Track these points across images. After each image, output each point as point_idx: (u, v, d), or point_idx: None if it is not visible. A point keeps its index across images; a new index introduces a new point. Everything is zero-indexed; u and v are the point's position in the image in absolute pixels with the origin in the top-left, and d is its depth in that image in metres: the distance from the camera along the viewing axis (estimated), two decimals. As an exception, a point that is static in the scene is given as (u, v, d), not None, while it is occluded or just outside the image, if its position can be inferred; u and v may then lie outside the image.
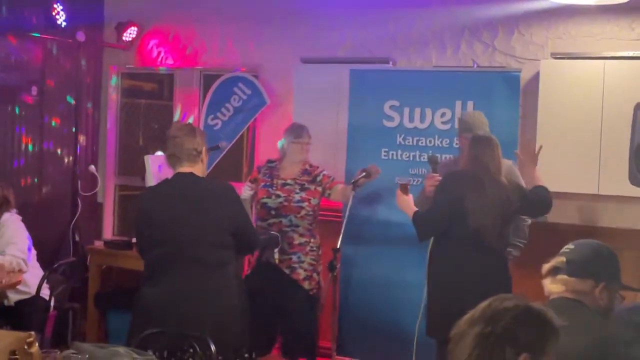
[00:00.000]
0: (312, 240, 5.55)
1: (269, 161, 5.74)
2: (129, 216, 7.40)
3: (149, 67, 7.37)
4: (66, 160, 6.98)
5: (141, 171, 6.21)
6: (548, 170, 5.21)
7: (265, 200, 5.54)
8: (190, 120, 7.02)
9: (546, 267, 2.85)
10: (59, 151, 6.96)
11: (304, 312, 5.52)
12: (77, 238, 6.57)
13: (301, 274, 5.50)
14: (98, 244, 6.72)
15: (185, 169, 4.15)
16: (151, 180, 5.81)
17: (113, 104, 7.48)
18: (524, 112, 5.70)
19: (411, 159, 5.78)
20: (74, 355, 2.73)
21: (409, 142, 5.84)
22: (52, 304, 5.55)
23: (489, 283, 4.58)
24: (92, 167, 6.90)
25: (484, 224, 4.64)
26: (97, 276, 6.37)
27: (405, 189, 5.01)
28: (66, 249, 6.61)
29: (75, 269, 6.39)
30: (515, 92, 5.59)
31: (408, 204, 5.00)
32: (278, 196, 5.52)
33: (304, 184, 5.55)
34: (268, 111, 6.77)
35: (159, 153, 6.26)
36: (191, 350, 3.75)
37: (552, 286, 2.80)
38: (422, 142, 5.80)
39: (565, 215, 5.40)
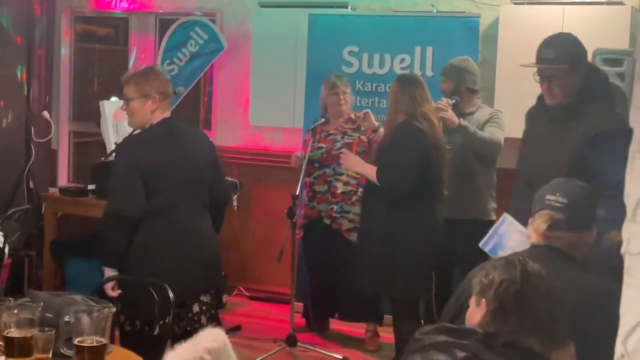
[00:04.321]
0: (359, 190, 5.21)
1: (314, 121, 5.47)
2: (84, 162, 7.30)
3: (104, 11, 7.21)
4: (19, 106, 6.83)
5: (96, 117, 6.10)
6: (506, 116, 5.24)
7: (309, 154, 5.30)
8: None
9: (541, 226, 2.70)
10: (10, 97, 6.80)
11: (354, 267, 4.88)
12: (31, 185, 6.45)
13: (344, 224, 5.26)
14: (53, 191, 6.61)
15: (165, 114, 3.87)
16: (107, 126, 5.72)
17: (67, 49, 7.32)
18: (484, 57, 5.68)
19: (370, 105, 5.74)
20: (29, 303, 2.69)
21: (367, 88, 5.82)
22: (6, 251, 5.48)
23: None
24: (46, 113, 6.74)
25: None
26: (52, 223, 6.28)
27: (352, 147, 4.90)
28: (20, 196, 6.50)
29: (30, 217, 6.30)
30: (474, 38, 5.58)
31: (361, 162, 4.86)
32: (320, 148, 5.37)
33: (347, 132, 5.35)
34: (225, 56, 6.67)
35: (114, 99, 6.16)
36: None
37: (545, 234, 2.69)
38: (381, 88, 5.78)
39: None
